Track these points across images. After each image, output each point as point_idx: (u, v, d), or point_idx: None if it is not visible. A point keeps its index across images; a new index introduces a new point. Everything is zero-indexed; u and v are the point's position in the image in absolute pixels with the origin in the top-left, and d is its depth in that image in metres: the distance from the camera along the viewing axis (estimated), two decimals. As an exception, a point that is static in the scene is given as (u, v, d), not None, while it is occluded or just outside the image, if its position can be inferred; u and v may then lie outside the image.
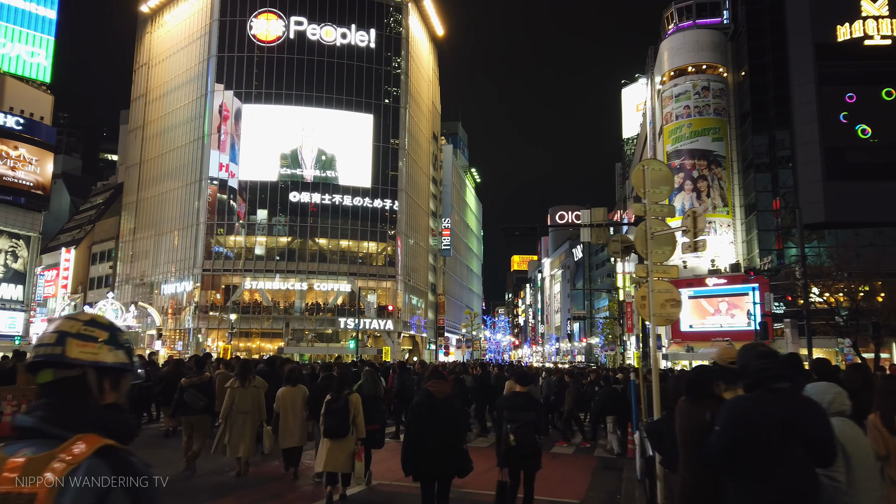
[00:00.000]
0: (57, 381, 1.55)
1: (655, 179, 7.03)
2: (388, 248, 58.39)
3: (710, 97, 47.37)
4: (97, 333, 1.63)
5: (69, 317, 1.65)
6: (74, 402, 1.53)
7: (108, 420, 1.54)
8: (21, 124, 50.91)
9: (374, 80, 59.15)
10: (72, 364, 1.56)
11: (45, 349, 1.57)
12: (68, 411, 1.50)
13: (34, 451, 1.41)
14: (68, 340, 1.57)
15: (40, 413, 1.49)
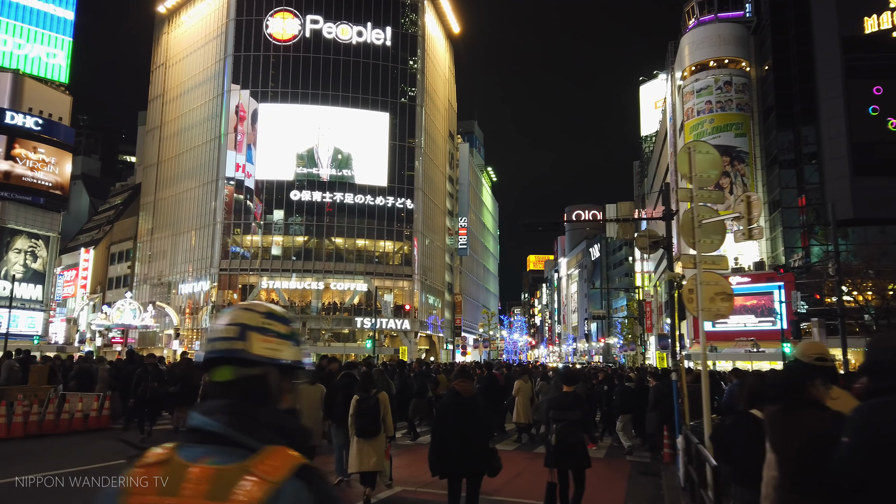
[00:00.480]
0: (237, 381, 1.34)
1: (703, 163, 6.48)
2: (405, 247, 58.00)
3: (733, 92, 46.43)
4: (277, 327, 1.41)
5: (246, 307, 1.42)
6: (256, 405, 1.32)
7: (290, 428, 1.33)
8: (40, 125, 51.23)
9: (391, 78, 58.80)
10: (255, 361, 1.34)
11: (226, 343, 1.35)
12: (253, 416, 1.29)
13: (219, 460, 1.20)
14: (250, 335, 1.35)
15: (224, 417, 1.27)
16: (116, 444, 11.84)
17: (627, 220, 16.13)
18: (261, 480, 1.17)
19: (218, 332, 1.38)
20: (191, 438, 1.28)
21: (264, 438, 1.25)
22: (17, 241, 50.95)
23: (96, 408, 12.46)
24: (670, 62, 55.14)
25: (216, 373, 1.37)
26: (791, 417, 2.91)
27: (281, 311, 1.48)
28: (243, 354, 1.34)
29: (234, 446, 1.24)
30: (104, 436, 12.22)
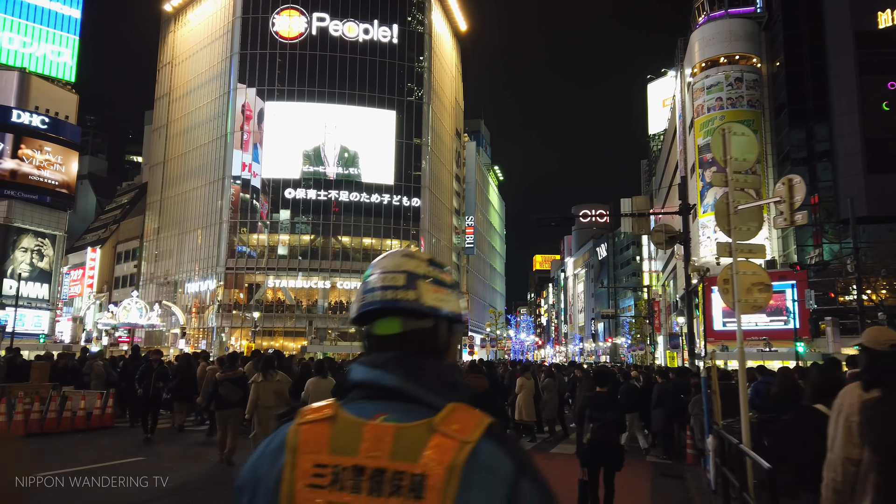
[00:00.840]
0: (406, 334, 1.18)
1: (739, 146, 6.09)
2: (412, 246, 57.65)
3: (744, 88, 45.83)
4: (442, 276, 1.26)
5: (407, 254, 1.25)
6: (429, 359, 1.17)
7: (461, 384, 1.19)
8: (46, 123, 51.15)
9: (397, 76, 58.48)
10: (426, 313, 1.19)
11: (393, 293, 1.18)
12: (429, 370, 1.14)
13: (397, 417, 1.07)
14: (420, 283, 1.20)
15: (399, 370, 1.13)
16: (119, 442, 11.57)
17: (643, 214, 15.70)
18: (453, 440, 1.04)
19: (380, 280, 1.20)
20: (359, 394, 1.13)
21: (444, 394, 1.11)
22: (23, 240, 50.88)
23: (99, 406, 12.14)
24: (679, 59, 54.56)
25: (380, 325, 1.19)
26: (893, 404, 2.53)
27: (438, 258, 1.29)
28: (414, 305, 1.18)
29: (411, 402, 1.10)
30: (107, 434, 11.92)
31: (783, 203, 5.95)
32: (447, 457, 1.01)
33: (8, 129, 49.06)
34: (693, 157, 47.47)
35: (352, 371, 1.17)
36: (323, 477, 1.02)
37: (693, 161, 47.39)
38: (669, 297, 61.07)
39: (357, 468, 1.02)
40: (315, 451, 1.05)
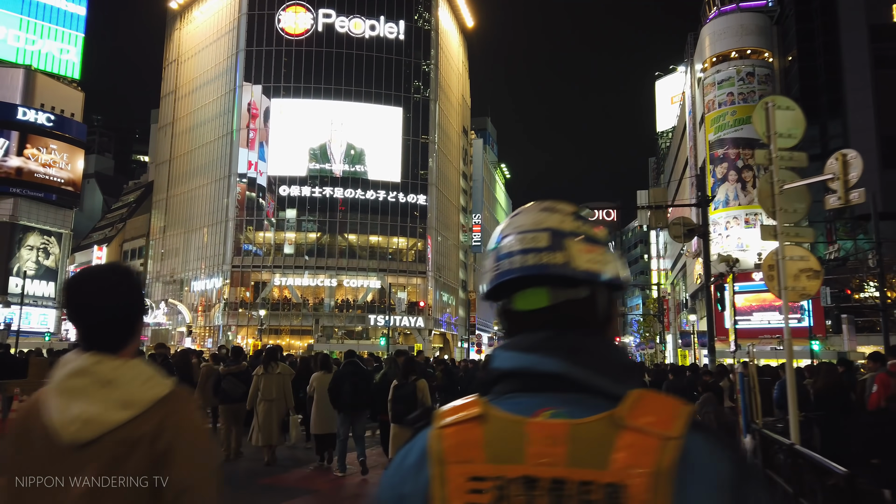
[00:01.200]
0: (556, 308, 0.94)
1: (784, 120, 5.59)
2: (419, 243, 57.23)
3: (755, 83, 45.20)
4: (595, 232, 0.98)
5: (548, 208, 0.98)
6: (590, 337, 0.93)
7: (634, 367, 0.95)
8: (52, 121, 50.92)
9: (404, 72, 58.04)
10: (579, 279, 0.93)
11: (536, 257, 0.93)
12: (598, 351, 0.91)
13: (566, 411, 0.85)
14: (568, 243, 0.94)
15: (559, 352, 0.89)
16: None
17: (660, 206, 15.18)
18: (650, 437, 0.81)
19: (518, 242, 0.95)
20: (509, 386, 0.91)
21: (621, 379, 0.89)
22: (29, 238, 50.70)
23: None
24: (690, 54, 53.99)
25: (522, 299, 0.95)
26: None
27: (585, 209, 1.01)
28: (565, 270, 0.92)
29: (580, 392, 0.87)
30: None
31: (836, 181, 5.44)
32: (648, 459, 0.80)
33: (14, 126, 48.86)
34: (704, 154, 46.89)
35: (496, 358, 0.95)
36: (483, 493, 0.82)
37: (704, 157, 46.82)
38: (679, 296, 60.47)
39: (527, 480, 0.81)
40: (467, 460, 0.84)
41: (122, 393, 1.43)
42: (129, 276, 1.60)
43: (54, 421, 1.41)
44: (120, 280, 1.56)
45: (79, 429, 1.39)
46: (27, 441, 1.45)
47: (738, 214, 43.81)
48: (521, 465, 0.81)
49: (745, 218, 43.74)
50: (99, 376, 1.44)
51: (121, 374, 1.45)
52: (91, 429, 1.39)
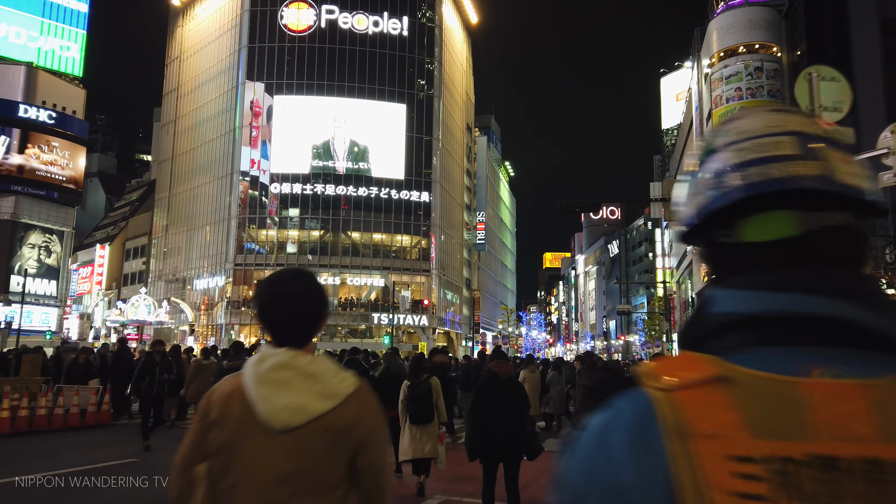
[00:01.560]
0: (808, 237, 0.68)
1: (829, 92, 5.11)
2: (423, 241, 56.76)
3: (764, 78, 44.63)
4: (848, 139, 0.77)
5: (782, 109, 0.74)
6: (869, 278, 0.69)
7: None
8: (53, 118, 50.56)
9: (407, 69, 57.57)
10: (841, 199, 0.68)
11: (782, 168, 0.67)
12: (880, 293, 0.67)
13: (853, 370, 0.61)
14: (824, 151, 0.68)
15: (837, 292, 0.64)
16: (115, 441, 10.57)
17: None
18: None
19: (754, 150, 0.69)
20: (751, 337, 0.66)
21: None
22: (30, 236, 50.37)
23: (94, 402, 11.25)
24: (696, 50, 53.43)
25: (754, 226, 0.70)
26: None
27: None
28: (824, 184, 0.66)
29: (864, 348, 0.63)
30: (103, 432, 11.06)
31: (891, 156, 4.92)
32: None
33: (15, 124, 48.53)
34: (711, 150, 46.35)
35: (717, 300, 0.69)
36: (756, 480, 0.56)
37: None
38: (685, 294, 59.90)
39: (823, 460, 0.56)
40: (722, 434, 0.58)
41: (323, 386, 1.65)
42: (315, 281, 1.83)
43: (262, 408, 1.61)
44: (308, 284, 1.78)
45: (289, 416, 1.60)
46: (228, 425, 1.64)
47: (744, 211, 43.24)
48: (805, 440, 0.57)
49: (751, 215, 43.23)
50: (301, 370, 1.65)
51: (317, 368, 1.67)
52: (300, 416, 1.61)
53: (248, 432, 1.62)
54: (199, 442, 1.68)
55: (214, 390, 1.76)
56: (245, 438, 1.62)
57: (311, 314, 1.76)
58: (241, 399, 1.66)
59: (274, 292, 1.75)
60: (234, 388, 1.69)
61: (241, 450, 1.63)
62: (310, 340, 1.75)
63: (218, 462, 1.64)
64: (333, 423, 1.62)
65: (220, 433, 1.65)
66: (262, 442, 1.61)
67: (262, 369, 1.66)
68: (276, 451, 1.61)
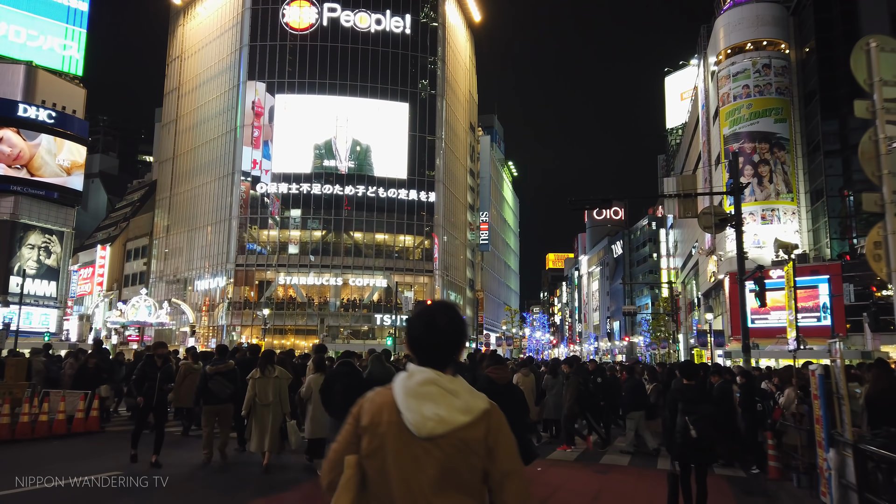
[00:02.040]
0: None
1: (890, 64, 4.51)
2: (426, 241, 56.17)
3: (772, 75, 43.93)
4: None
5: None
6: None
7: None
8: (53, 118, 50.04)
9: (410, 67, 56.98)
10: None
11: None
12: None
13: None
14: None
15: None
16: (101, 450, 9.18)
17: (689, 195, 14.05)
18: None
19: None
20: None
21: None
22: (30, 237, 49.85)
23: (82, 408, 10.66)
24: (703, 47, 52.74)
25: None
26: None
27: None
28: None
29: None
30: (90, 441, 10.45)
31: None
32: None
33: (14, 123, 48.02)
34: (718, 148, 45.68)
35: None
36: None
37: (718, 152, 45.61)
38: (690, 295, 59.24)
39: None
40: None
41: (462, 402, 1.90)
42: (458, 312, 2.08)
43: (410, 417, 1.87)
44: (454, 315, 2.04)
45: (434, 426, 1.85)
46: (379, 431, 1.91)
47: (754, 210, 42.62)
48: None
49: (761, 214, 42.55)
50: (445, 386, 1.90)
51: (456, 386, 1.92)
52: (443, 426, 1.85)
53: (397, 438, 1.88)
54: (352, 442, 1.97)
55: (367, 399, 2.03)
56: (395, 443, 1.88)
57: (454, 341, 2.01)
58: (391, 409, 1.92)
59: (425, 322, 2.01)
60: (386, 399, 1.96)
61: (392, 453, 1.88)
62: (451, 363, 2.00)
63: (373, 464, 1.91)
64: (469, 435, 1.87)
65: (372, 438, 1.92)
66: (411, 447, 1.86)
67: (412, 383, 1.91)
68: (423, 455, 1.85)
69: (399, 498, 1.85)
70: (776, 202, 42.38)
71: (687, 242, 63.20)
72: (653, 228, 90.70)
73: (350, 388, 7.42)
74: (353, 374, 7.79)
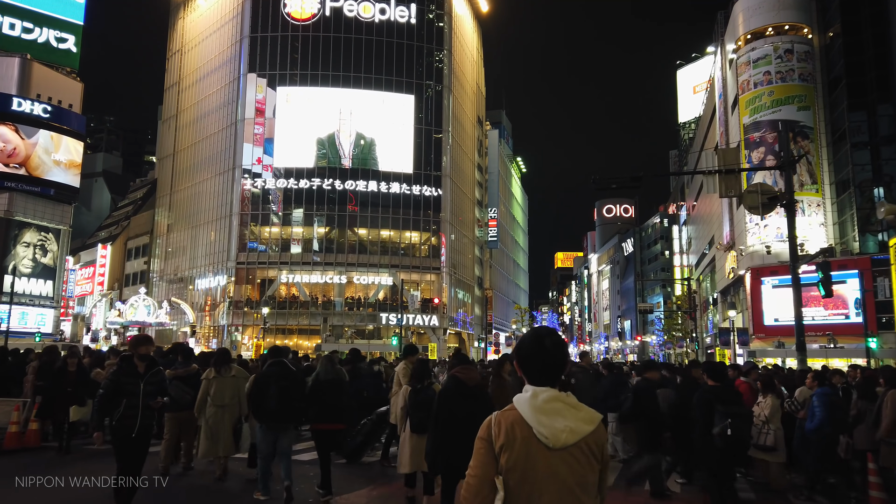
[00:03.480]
0: None
1: None
2: (432, 238, 54.40)
3: (795, 61, 41.92)
4: None
5: None
6: None
7: None
8: (48, 112, 48.60)
9: (416, 58, 55.22)
10: None
11: None
12: None
13: None
14: None
15: None
16: (36, 469, 6.49)
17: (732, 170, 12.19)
18: None
19: None
20: None
21: None
22: (25, 235, 48.41)
23: (17, 420, 8.89)
24: (720, 34, 50.79)
25: None
26: None
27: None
28: None
29: None
30: (26, 458, 8.68)
31: None
32: None
33: (8, 117, 46.61)
34: (737, 138, 43.73)
35: None
36: None
37: (737, 142, 43.66)
38: (705, 293, 57.26)
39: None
40: None
41: (584, 414, 2.20)
42: (560, 337, 2.43)
43: (544, 431, 2.14)
44: (559, 339, 2.39)
45: (567, 437, 2.14)
46: (515, 447, 2.16)
47: (776, 202, 40.56)
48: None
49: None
50: (568, 402, 2.22)
51: (574, 401, 2.23)
52: (574, 437, 2.14)
53: (533, 451, 2.14)
54: (492, 464, 2.20)
55: (494, 421, 2.25)
56: (533, 456, 2.14)
57: (561, 363, 2.32)
58: (522, 425, 2.17)
59: (536, 345, 2.32)
60: (514, 418, 2.20)
61: (531, 465, 2.14)
62: (559, 380, 2.30)
63: (514, 476, 2.15)
64: (593, 442, 2.18)
65: (510, 454, 2.16)
66: (546, 458, 2.13)
67: (539, 402, 2.19)
68: (560, 464, 2.13)
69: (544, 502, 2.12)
70: (800, 193, 40.25)
71: (702, 239, 61.26)
72: (664, 226, 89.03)
73: (284, 391, 6.72)
74: (288, 375, 6.93)
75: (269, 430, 6.92)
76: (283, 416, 6.81)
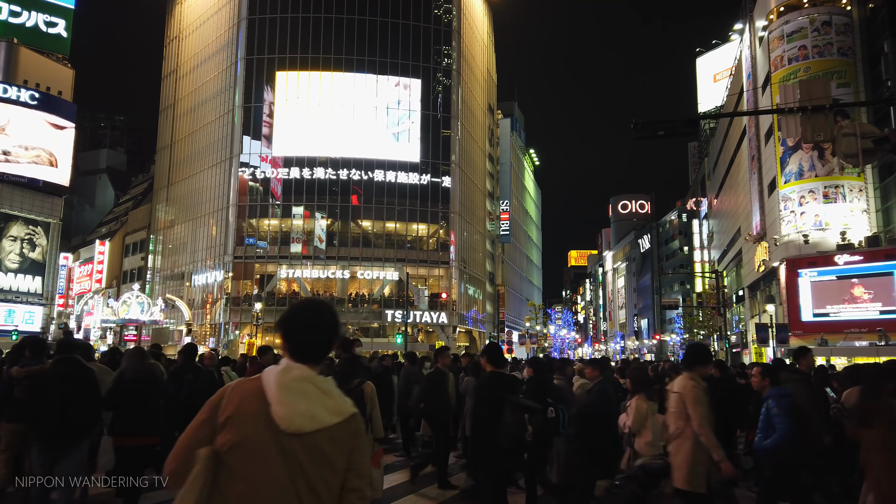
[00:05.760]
0: None
1: None
2: (441, 231, 51.47)
3: (833, 34, 38.57)
4: None
5: None
6: None
7: None
8: (36, 99, 46.20)
9: (422, 40, 52.26)
10: None
11: None
12: None
13: None
14: None
15: None
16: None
17: (821, 108, 9.12)
18: None
19: None
20: None
21: None
22: (12, 228, 46.08)
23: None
24: (748, 10, 47.50)
25: None
26: None
27: None
28: None
29: None
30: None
31: None
32: None
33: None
34: (769, 120, 40.40)
35: None
36: None
37: (770, 124, 40.37)
38: (729, 289, 53.91)
39: None
40: None
41: (334, 403, 1.95)
42: (331, 309, 2.13)
43: (279, 411, 1.86)
44: (332, 313, 2.10)
45: (303, 422, 1.87)
46: (244, 420, 1.88)
47: (814, 187, 37.41)
48: None
49: (823, 191, 37.26)
50: (319, 385, 1.95)
51: (330, 387, 1.97)
52: (312, 424, 1.88)
53: (261, 431, 1.86)
54: (205, 434, 1.90)
55: (230, 389, 1.96)
56: (258, 436, 1.85)
57: (330, 340, 2.06)
58: (259, 399, 1.88)
59: (297, 318, 2.06)
60: (253, 390, 1.91)
61: (254, 447, 1.84)
62: (323, 360, 2.03)
63: (236, 455, 1.85)
64: (337, 435, 1.92)
65: (237, 429, 1.86)
66: (276, 441, 1.85)
67: (287, 378, 1.91)
68: (287, 450, 1.85)
69: (262, 490, 1.83)
70: (840, 178, 36.91)
71: (726, 233, 57.97)
72: (683, 221, 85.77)
73: (70, 397, 5.30)
74: (77, 376, 5.40)
75: (45, 448, 5.41)
76: (63, 430, 5.32)
